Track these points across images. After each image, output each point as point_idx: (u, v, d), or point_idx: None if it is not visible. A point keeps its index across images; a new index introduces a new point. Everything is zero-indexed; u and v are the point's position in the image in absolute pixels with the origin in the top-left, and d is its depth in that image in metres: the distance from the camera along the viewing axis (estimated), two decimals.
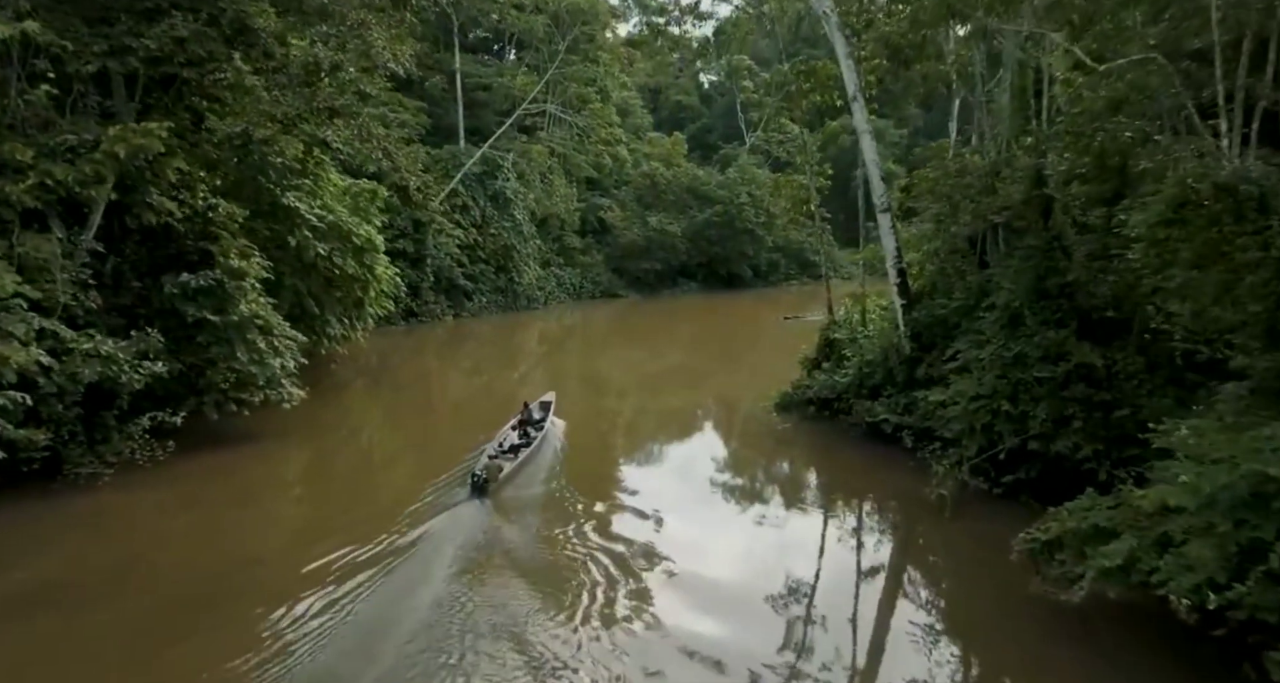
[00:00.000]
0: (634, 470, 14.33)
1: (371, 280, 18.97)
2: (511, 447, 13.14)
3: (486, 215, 38.39)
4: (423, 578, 8.58)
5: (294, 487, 13.55)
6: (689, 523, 10.74)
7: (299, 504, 12.59)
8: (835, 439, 14.36)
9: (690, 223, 48.78)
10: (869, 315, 16.61)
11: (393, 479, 13.88)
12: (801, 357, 17.07)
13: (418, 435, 17.26)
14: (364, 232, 17.84)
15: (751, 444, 15.50)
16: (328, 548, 9.18)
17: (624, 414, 18.76)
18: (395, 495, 11.99)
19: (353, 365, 25.53)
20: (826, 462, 13.84)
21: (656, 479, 13.55)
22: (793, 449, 14.87)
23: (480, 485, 11.07)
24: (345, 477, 14.02)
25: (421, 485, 11.77)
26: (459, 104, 39.21)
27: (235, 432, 14.52)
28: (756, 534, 10.69)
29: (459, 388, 23.48)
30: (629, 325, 37.65)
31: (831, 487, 12.66)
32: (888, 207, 14.00)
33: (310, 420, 16.80)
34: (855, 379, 14.23)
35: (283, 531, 11.13)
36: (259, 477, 13.20)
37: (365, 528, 9.85)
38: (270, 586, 8.45)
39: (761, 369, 23.74)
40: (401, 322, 33.42)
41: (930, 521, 10.36)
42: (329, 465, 14.77)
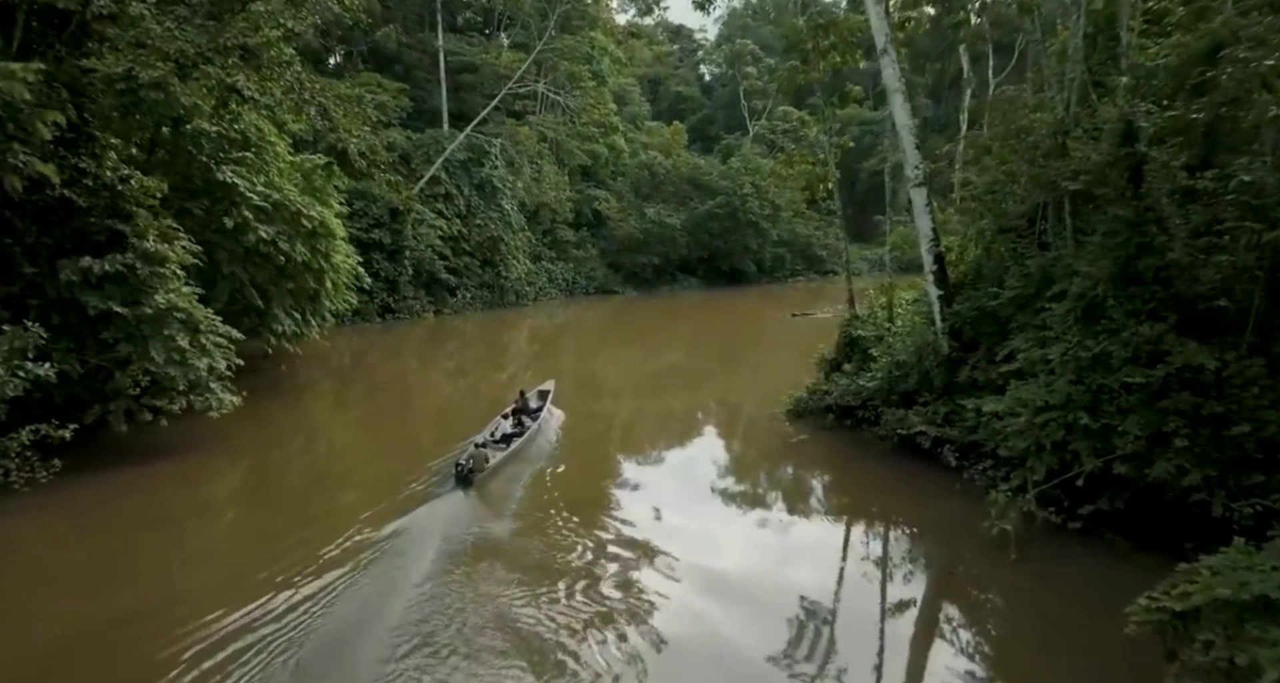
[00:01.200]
0: (633, 475, 12.59)
1: (327, 270, 16.99)
2: (504, 436, 12.66)
3: (471, 205, 36.45)
4: (395, 583, 7.84)
5: (224, 508, 11.59)
6: (694, 543, 9.15)
7: (229, 528, 10.67)
8: (860, 453, 12.45)
9: (690, 215, 46.87)
10: (896, 310, 14.72)
11: (351, 493, 11.95)
12: (818, 357, 15.18)
13: (390, 442, 15.42)
14: (316, 213, 15.84)
15: (763, 456, 13.56)
16: (262, 580, 7.72)
17: (620, 417, 16.82)
18: (353, 509, 10.24)
19: (320, 366, 23.66)
20: (851, 481, 11.89)
21: (656, 490, 11.63)
22: (811, 463, 12.94)
23: (465, 476, 10.55)
24: (293, 493, 12.12)
25: (390, 495, 10.55)
26: (442, 86, 37.25)
27: (152, 445, 12.62)
28: (768, 564, 8.85)
29: (440, 390, 21.62)
30: (625, 323, 35.65)
31: (859, 514, 10.70)
32: (922, 179, 12.06)
33: (254, 430, 14.95)
34: (884, 384, 12.30)
35: (202, 563, 9.21)
36: (175, 499, 11.24)
37: (308, 548, 8.63)
38: (182, 631, 6.89)
39: (769, 371, 21.89)
40: (377, 319, 31.54)
41: (989, 561, 8.43)
42: (272, 481, 12.82)
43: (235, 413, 13.41)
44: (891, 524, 10.09)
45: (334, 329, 29.73)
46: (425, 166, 34.48)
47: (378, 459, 13.95)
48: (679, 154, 52.30)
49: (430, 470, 11.63)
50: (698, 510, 10.69)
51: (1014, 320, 10.46)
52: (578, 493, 11.03)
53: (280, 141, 16.03)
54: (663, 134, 57.17)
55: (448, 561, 8.40)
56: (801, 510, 10.88)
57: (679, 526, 9.97)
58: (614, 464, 13.25)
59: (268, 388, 18.62)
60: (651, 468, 13.24)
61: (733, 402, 18.22)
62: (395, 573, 8.04)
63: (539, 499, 10.73)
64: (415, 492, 10.72)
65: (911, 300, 14.59)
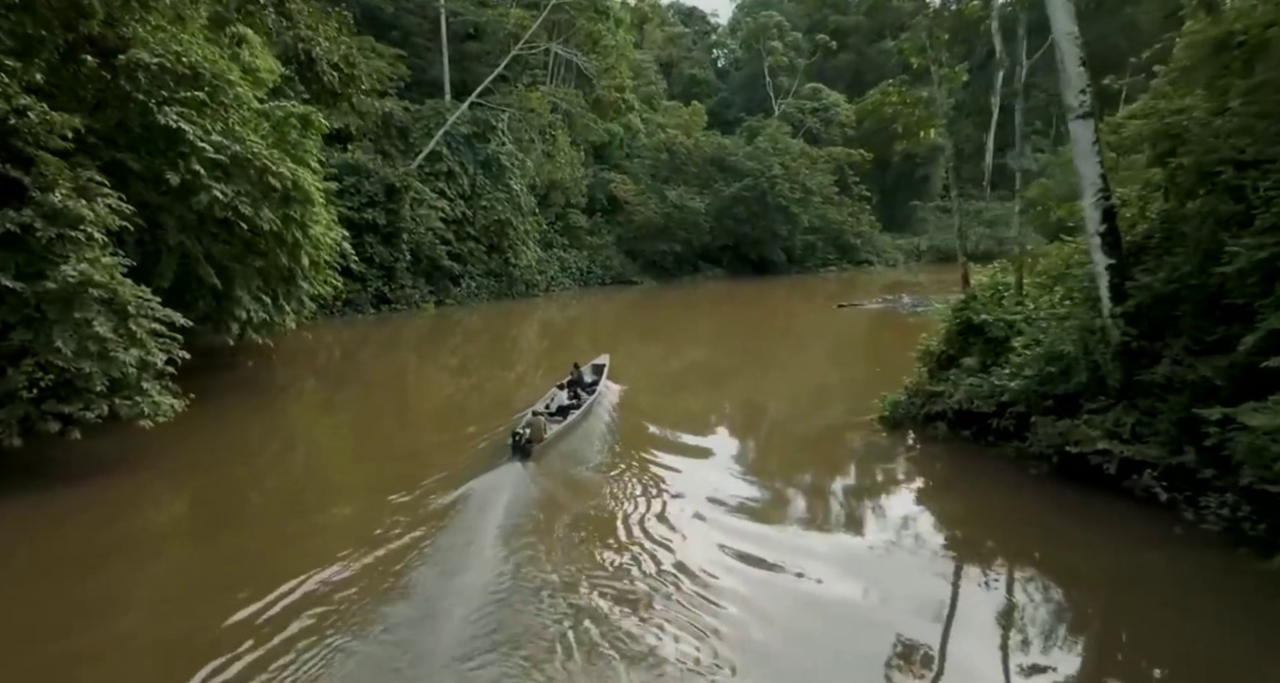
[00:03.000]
0: (698, 483, 10.01)
1: (304, 243, 14.18)
2: (560, 408, 12.46)
3: (476, 184, 33.61)
4: (468, 543, 7.66)
5: (157, 545, 8.80)
6: (785, 599, 6.73)
7: (164, 570, 7.88)
8: (998, 476, 9.63)
9: (715, 198, 43.91)
10: (1014, 288, 11.88)
11: (335, 511, 9.41)
12: (922, 349, 12.33)
13: (383, 451, 12.76)
14: (288, 171, 13.03)
15: (865, 476, 10.69)
16: None
17: (675, 420, 13.89)
18: (337, 532, 8.21)
19: (304, 363, 21.02)
20: (996, 516, 8.97)
21: (726, 507, 9.01)
22: (931, 488, 10.07)
23: (523, 446, 10.22)
24: (257, 518, 9.45)
25: (379, 525, 8.31)
26: (444, 50, 34.43)
27: (72, 463, 9.92)
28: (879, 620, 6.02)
29: (442, 389, 18.92)
30: (647, 317, 32.69)
31: (1020, 566, 7.81)
32: (1089, 109, 9.14)
33: (211, 440, 12.32)
34: (1033, 383, 9.42)
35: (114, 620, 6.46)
36: (98, 535, 8.48)
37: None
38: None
39: (836, 371, 19.05)
40: (371, 309, 28.79)
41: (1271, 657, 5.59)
42: (226, 506, 10.01)
43: (189, 420, 10.76)
44: (1073, 586, 7.15)
45: (322, 320, 27.12)
46: (425, 141, 31.69)
47: (369, 470, 11.48)
48: (700, 135, 49.40)
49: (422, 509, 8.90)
50: (783, 542, 8.11)
51: (1248, 293, 7.59)
52: (644, 479, 9.90)
53: (244, 82, 13.21)
54: (681, 114, 54.29)
55: (509, 543, 7.69)
56: (931, 557, 7.96)
57: (758, 558, 7.56)
58: (678, 457, 11.23)
59: (232, 389, 15.90)
60: (720, 476, 10.51)
61: (803, 406, 15.33)
62: (452, 559, 7.33)
63: (603, 479, 9.91)
64: (403, 521, 8.41)
65: (1044, 277, 11.70)
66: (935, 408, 11.22)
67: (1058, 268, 11.79)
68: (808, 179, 45.71)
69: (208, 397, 14.79)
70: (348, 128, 29.26)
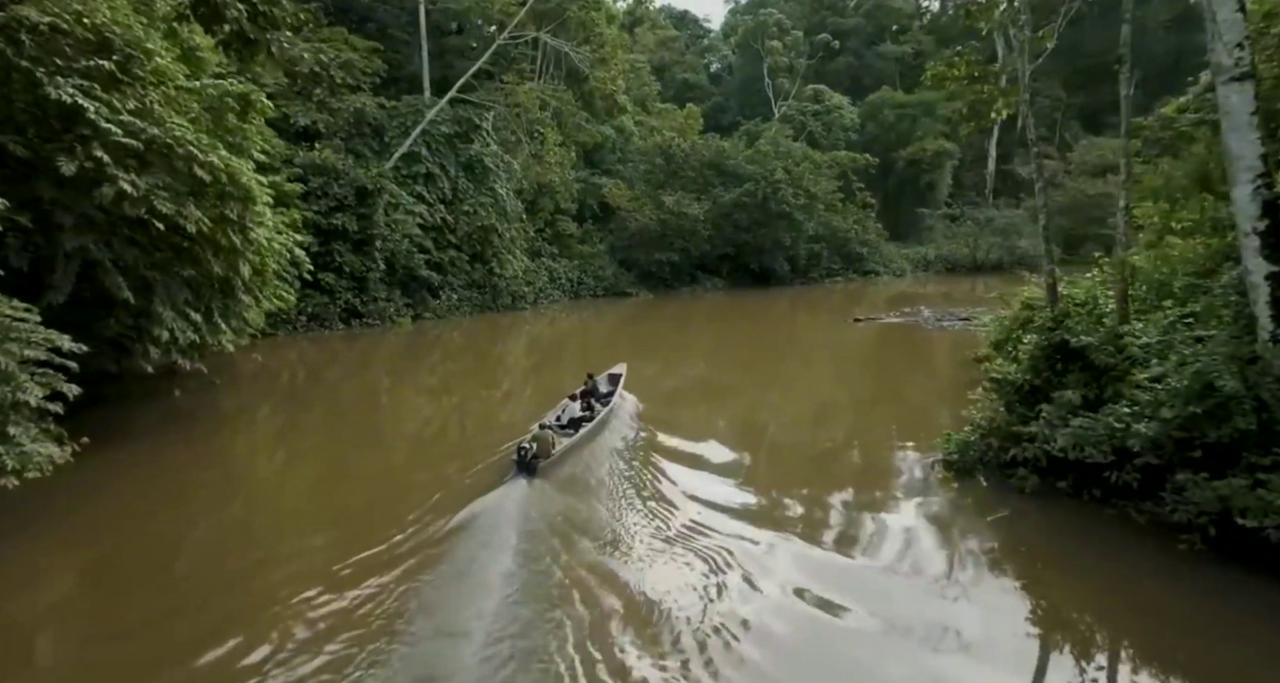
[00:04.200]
0: (726, 517, 8.68)
1: (242, 248, 11.95)
2: (571, 421, 11.99)
3: (458, 188, 31.47)
4: (463, 575, 7.06)
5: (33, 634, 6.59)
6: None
7: None
8: (1130, 549, 7.51)
9: (714, 204, 41.88)
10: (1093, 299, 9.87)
11: (292, 556, 7.92)
12: (996, 377, 10.27)
13: (358, 479, 10.96)
14: (221, 161, 10.83)
15: (936, 541, 8.52)
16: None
17: (704, 451, 11.86)
18: None
19: (258, 387, 18.77)
20: (1152, 618, 6.76)
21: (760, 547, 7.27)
22: (1035, 567, 7.85)
23: (528, 462, 9.75)
24: (187, 575, 7.45)
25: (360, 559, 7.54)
26: (423, 41, 32.34)
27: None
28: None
29: (420, 413, 16.88)
30: (645, 332, 30.43)
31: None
32: (1248, 68, 7.13)
33: (135, 488, 10.09)
34: (1171, 425, 7.35)
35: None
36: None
37: None
38: None
39: (872, 395, 16.94)
40: (340, 324, 26.52)
41: None
42: (152, 568, 7.79)
43: (111, 464, 8.73)
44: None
45: (285, 337, 24.90)
46: (401, 141, 29.57)
47: (342, 500, 10.12)
48: (697, 138, 47.52)
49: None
50: (829, 626, 6.18)
51: None
52: (664, 504, 9.23)
53: (169, 54, 11.06)
54: (676, 117, 52.44)
55: (512, 575, 7.05)
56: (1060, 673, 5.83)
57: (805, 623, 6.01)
58: (699, 480, 10.41)
59: (168, 422, 13.69)
60: (756, 525, 8.71)
61: (842, 440, 13.15)
62: (448, 596, 6.68)
63: (618, 499, 9.41)
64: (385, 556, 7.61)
65: (1142, 288, 9.69)
66: (1023, 455, 9.15)
67: (1166, 277, 9.80)
68: (812, 184, 43.82)
69: (137, 433, 12.64)
70: (315, 125, 27.18)
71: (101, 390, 13.88)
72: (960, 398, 15.10)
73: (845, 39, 70.23)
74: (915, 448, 11.84)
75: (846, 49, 70.12)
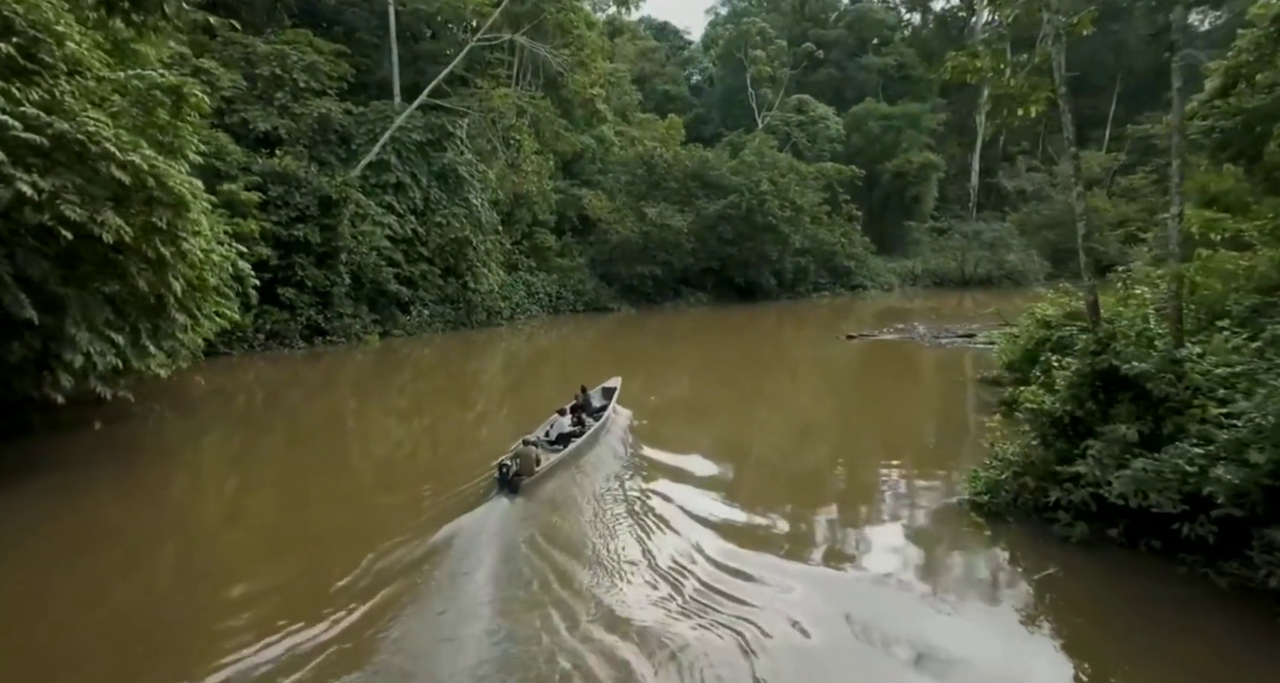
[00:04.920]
0: None
1: (171, 262, 10.60)
2: (560, 436, 11.67)
3: (430, 198, 30.17)
4: (450, 589, 6.95)
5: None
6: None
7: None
8: (1213, 620, 6.36)
9: (698, 216, 40.87)
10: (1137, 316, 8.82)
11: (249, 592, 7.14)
12: (1031, 402, 9.17)
13: (315, 520, 9.76)
14: (144, 161, 9.51)
15: (973, 602, 7.32)
16: None
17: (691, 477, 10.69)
18: None
19: (207, 413, 17.34)
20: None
21: None
22: (1096, 639, 6.65)
23: (510, 479, 9.42)
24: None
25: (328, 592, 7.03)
26: (393, 47, 31.11)
27: None
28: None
29: (390, 435, 15.64)
30: (628, 349, 29.18)
31: None
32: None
33: (58, 531, 8.78)
34: (1263, 473, 6.26)
35: None
36: None
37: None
38: None
39: (862, 422, 15.78)
40: (302, 342, 25.04)
41: None
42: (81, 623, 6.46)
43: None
44: None
45: (240, 357, 23.37)
46: (370, 148, 28.26)
47: (304, 531, 9.35)
48: (679, 149, 46.63)
49: None
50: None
51: None
52: (659, 527, 8.92)
53: (86, 41, 9.74)
54: (658, 128, 51.58)
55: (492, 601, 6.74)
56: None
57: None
58: (692, 496, 10.16)
59: (86, 456, 12.20)
60: (758, 556, 7.79)
61: (852, 472, 11.89)
62: (423, 629, 6.26)
63: (607, 519, 9.08)
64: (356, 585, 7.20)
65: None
66: (1065, 496, 8.04)
67: (1217, 295, 8.77)
68: (798, 196, 43.01)
69: (60, 466, 11.25)
70: (276, 131, 25.83)
71: (30, 419, 12.53)
72: (976, 424, 14.06)
73: (827, 51, 70.07)
74: (935, 485, 10.71)
75: (828, 61, 69.89)
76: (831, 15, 76.71)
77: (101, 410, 14.10)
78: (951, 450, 12.64)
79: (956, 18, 78.79)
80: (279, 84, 26.21)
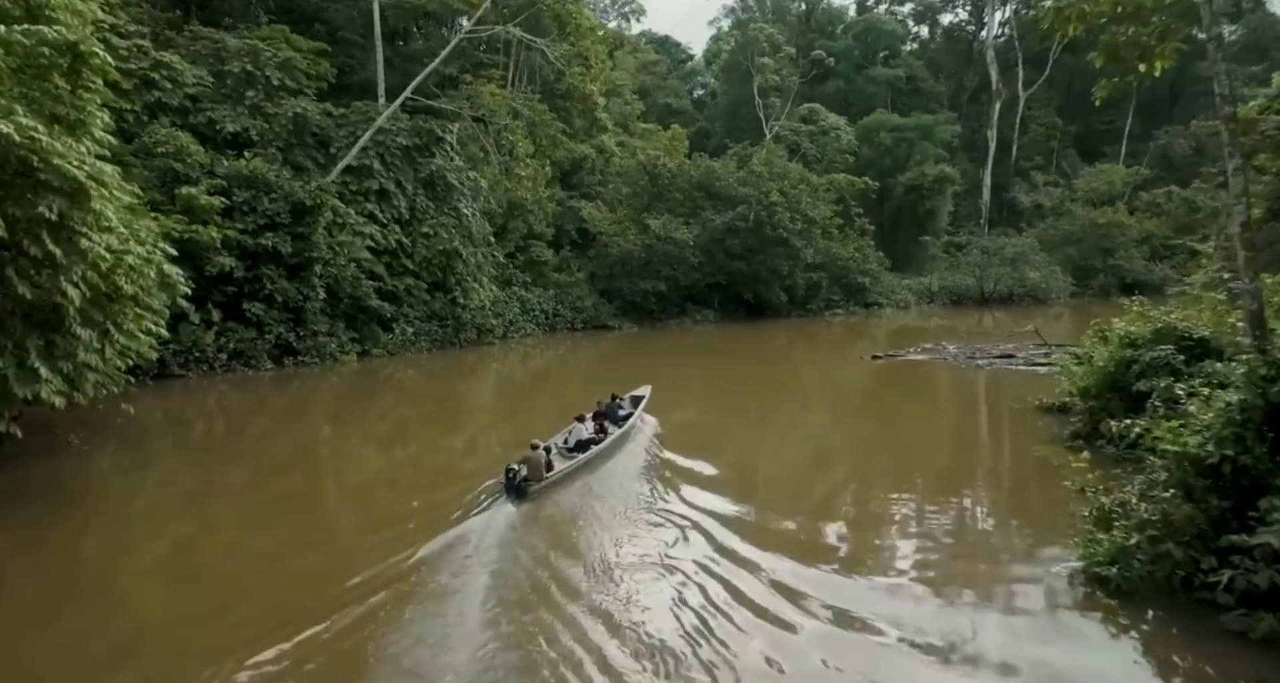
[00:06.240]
0: None
1: (64, 264, 8.55)
2: (579, 443, 11.47)
3: (417, 207, 28.26)
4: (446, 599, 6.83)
5: None
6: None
7: None
8: None
9: (704, 229, 38.94)
10: None
11: None
12: (1170, 444, 7.09)
13: (284, 562, 8.55)
14: (19, 132, 7.50)
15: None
16: None
17: None
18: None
19: (160, 441, 15.63)
20: None
21: None
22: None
23: (517, 485, 9.27)
24: None
25: None
26: (377, 46, 29.36)
27: None
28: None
29: (370, 465, 14.03)
30: (632, 370, 26.73)
31: None
32: None
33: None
34: None
35: None
36: None
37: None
38: None
39: (918, 458, 13.51)
40: (270, 363, 22.99)
41: None
42: None
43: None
44: None
45: (198, 379, 21.27)
46: (350, 151, 26.43)
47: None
48: (684, 159, 44.94)
49: None
50: None
51: None
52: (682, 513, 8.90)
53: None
54: (661, 138, 50.00)
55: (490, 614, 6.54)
56: None
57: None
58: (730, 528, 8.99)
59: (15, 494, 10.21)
60: None
61: (917, 523, 9.70)
62: (416, 641, 6.13)
63: (617, 527, 8.73)
64: None
65: None
66: (1243, 578, 5.95)
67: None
68: (810, 208, 41.18)
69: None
70: (247, 132, 23.97)
71: None
72: (1049, 461, 11.99)
73: (835, 62, 68.92)
74: (1027, 545, 8.59)
75: (836, 73, 68.70)
76: (838, 27, 75.67)
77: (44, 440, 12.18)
78: (1031, 496, 10.58)
79: (965, 30, 77.82)
80: (251, 82, 24.39)
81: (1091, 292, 53.63)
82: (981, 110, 68.50)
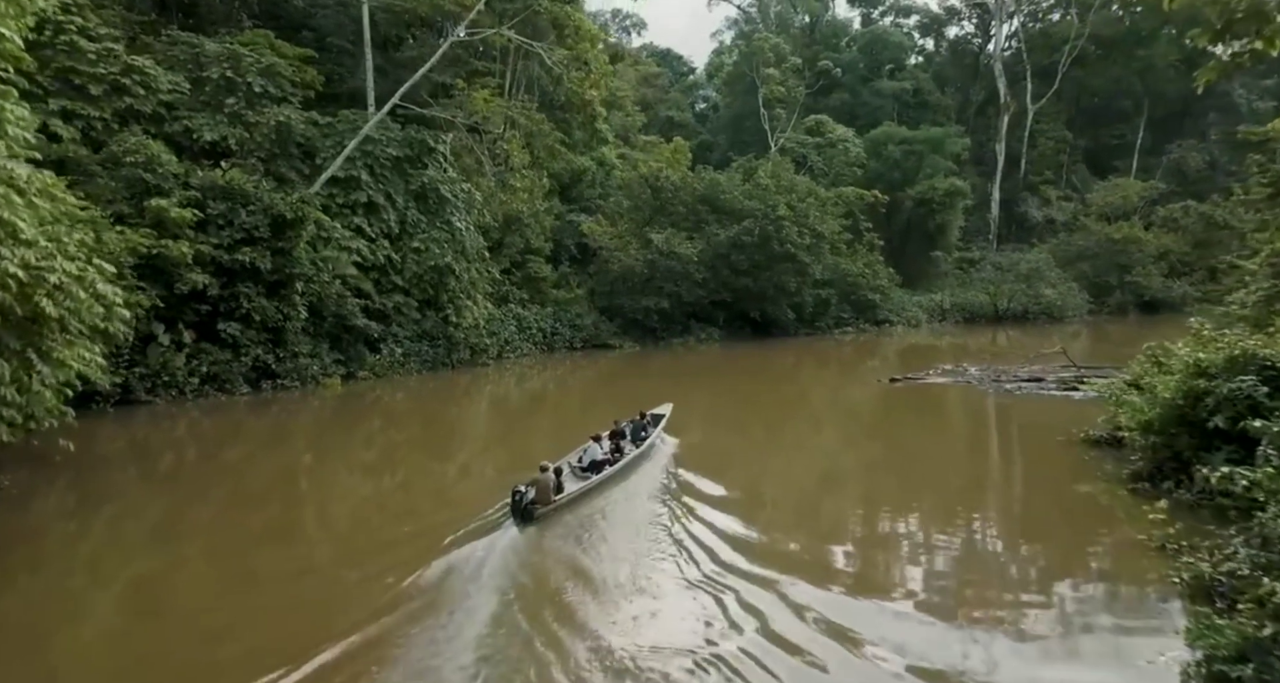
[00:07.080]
0: None
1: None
2: (593, 463, 11.24)
3: (407, 221, 27.07)
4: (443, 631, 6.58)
5: None
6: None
7: None
8: None
9: (708, 244, 37.73)
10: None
11: None
12: None
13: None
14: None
15: None
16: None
17: None
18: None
19: (123, 472, 14.68)
20: None
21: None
22: None
23: (524, 508, 9.06)
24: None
25: None
26: (367, 53, 28.30)
27: None
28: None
29: (355, 493, 13.24)
30: (635, 391, 25.31)
31: None
32: None
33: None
34: None
35: None
36: None
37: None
38: None
39: (947, 501, 12.08)
40: (247, 387, 21.67)
41: None
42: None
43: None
44: None
45: (166, 404, 19.94)
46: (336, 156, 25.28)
47: None
48: (688, 171, 43.87)
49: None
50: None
51: None
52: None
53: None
54: (663, 151, 48.96)
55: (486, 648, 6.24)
56: None
57: None
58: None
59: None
60: None
61: (979, 586, 8.33)
62: None
63: (637, 560, 8.31)
64: None
65: None
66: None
67: None
68: (818, 222, 40.02)
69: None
70: (226, 141, 22.82)
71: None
72: (1110, 506, 10.66)
73: (840, 74, 68.19)
74: (1108, 620, 7.21)
75: (841, 85, 67.96)
76: (843, 39, 75.03)
77: None
78: (1096, 554, 9.21)
79: (971, 43, 77.17)
80: (231, 88, 23.27)
81: (1108, 309, 52.40)
82: (989, 124, 67.64)
